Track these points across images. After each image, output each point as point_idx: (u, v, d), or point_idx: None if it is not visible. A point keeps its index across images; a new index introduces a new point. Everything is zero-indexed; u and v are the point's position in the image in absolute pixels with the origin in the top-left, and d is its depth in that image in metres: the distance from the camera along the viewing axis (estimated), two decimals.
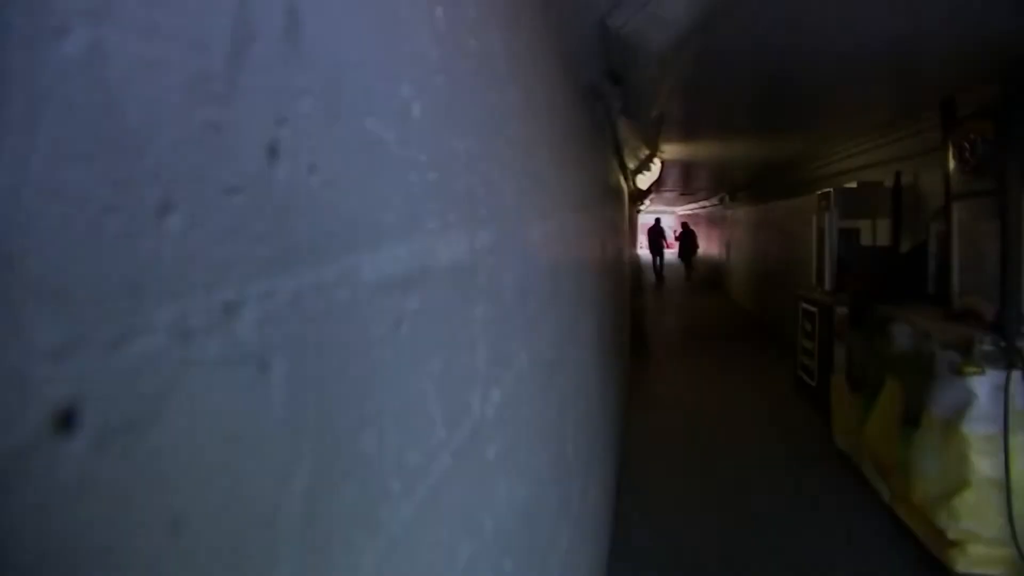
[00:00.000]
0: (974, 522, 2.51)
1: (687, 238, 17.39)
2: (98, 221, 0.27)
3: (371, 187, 0.50)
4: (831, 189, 5.00)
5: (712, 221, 16.05)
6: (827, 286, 4.90)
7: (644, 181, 6.57)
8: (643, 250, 21.94)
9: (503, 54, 0.99)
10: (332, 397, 0.45)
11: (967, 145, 2.83)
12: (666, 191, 12.38)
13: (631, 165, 5.41)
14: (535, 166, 1.22)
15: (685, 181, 10.67)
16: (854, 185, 5.15)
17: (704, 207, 16.97)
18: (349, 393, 0.45)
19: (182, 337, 0.32)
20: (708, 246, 16.84)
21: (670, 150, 6.16)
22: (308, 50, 0.43)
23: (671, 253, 19.14)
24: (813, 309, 4.98)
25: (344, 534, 0.48)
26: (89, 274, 0.27)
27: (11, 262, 0.24)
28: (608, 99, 2.63)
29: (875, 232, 5.18)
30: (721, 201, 13.16)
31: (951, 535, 2.57)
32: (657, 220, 17.94)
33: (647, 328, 9.52)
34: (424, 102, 0.63)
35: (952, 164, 3.00)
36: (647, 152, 5.11)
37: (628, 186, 6.19)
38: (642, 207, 13.82)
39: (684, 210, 21.58)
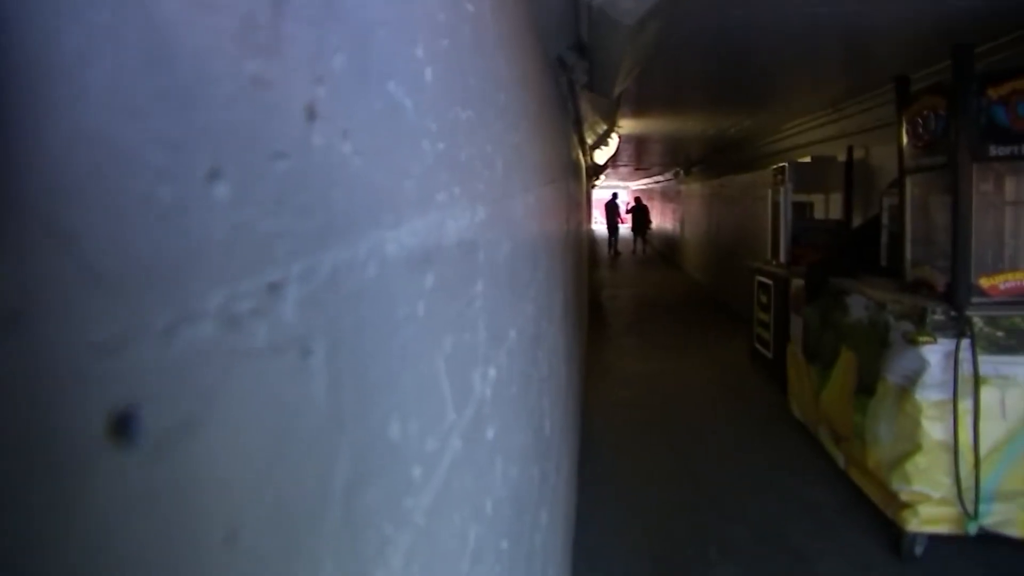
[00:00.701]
0: (925, 484, 2.62)
1: (640, 212, 17.47)
2: (151, 189, 0.23)
3: (394, 156, 0.46)
4: (785, 163, 5.09)
5: (666, 196, 16.02)
6: (782, 259, 4.96)
7: (601, 156, 6.54)
8: (597, 224, 21.96)
9: (491, 20, 0.95)
10: (367, 383, 0.42)
11: (920, 120, 2.91)
12: (621, 166, 12.41)
13: (589, 140, 5.36)
14: (518, 138, 1.19)
15: (640, 156, 10.65)
16: (808, 160, 5.26)
17: (658, 182, 16.97)
18: (381, 378, 0.42)
19: (231, 323, 0.28)
20: (662, 221, 16.89)
21: (626, 125, 6.16)
22: (340, 2, 0.39)
23: (624, 228, 19.40)
24: (768, 282, 5.00)
25: (377, 530, 0.45)
26: (143, 253, 0.23)
27: (65, 241, 0.19)
28: (574, 72, 2.59)
29: (828, 206, 5.32)
30: (675, 176, 13.02)
31: (904, 497, 2.68)
32: (614, 195, 17.94)
33: (603, 302, 9.52)
34: (435, 67, 0.59)
35: (905, 139, 3.08)
36: (605, 127, 5.08)
37: (585, 161, 6.17)
38: (597, 182, 13.81)
39: (638, 185, 21.53)
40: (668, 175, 14.11)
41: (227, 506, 0.28)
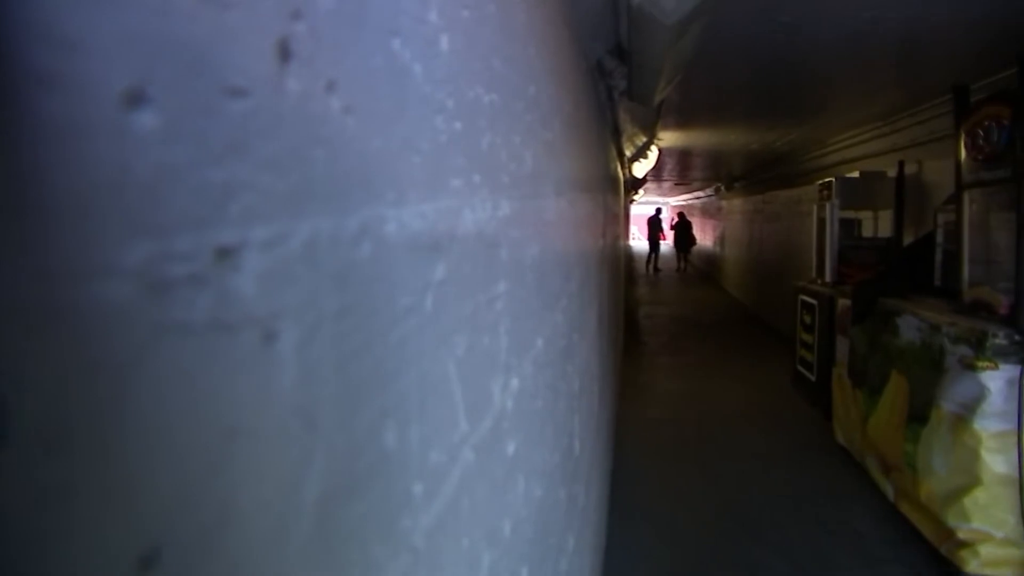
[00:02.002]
0: (986, 522, 2.44)
1: (683, 228, 16.73)
2: (38, 96, 0.17)
3: (398, 124, 0.40)
4: (832, 178, 4.92)
5: (707, 212, 15.53)
6: (828, 278, 4.73)
7: (640, 169, 6.29)
8: (636, 240, 21.51)
9: (522, 7, 0.90)
10: (353, 379, 0.35)
11: (980, 132, 2.75)
12: (661, 180, 12.03)
13: (628, 152, 5.16)
14: (550, 136, 1.12)
15: (680, 170, 10.30)
16: (856, 174, 5.07)
17: (699, 198, 16.53)
18: (372, 375, 0.36)
19: (156, 288, 0.23)
20: (702, 238, 16.29)
21: (666, 138, 6.00)
22: None
23: (665, 244, 18.74)
24: (813, 302, 4.75)
25: (363, 551, 0.38)
26: (29, 180, 0.17)
27: None
28: (613, 78, 2.52)
29: (877, 223, 5.12)
30: (716, 191, 12.59)
31: (961, 535, 2.50)
32: (658, 211, 17.24)
33: (640, 319, 9.25)
34: (452, 36, 0.53)
35: (964, 152, 2.92)
36: (644, 139, 4.89)
37: (624, 174, 5.98)
38: (636, 197, 13.27)
39: (678, 200, 21.06)
40: (709, 191, 13.67)
41: (144, 519, 0.22)
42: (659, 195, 19.03)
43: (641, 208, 24.03)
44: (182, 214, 0.24)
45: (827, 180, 5.00)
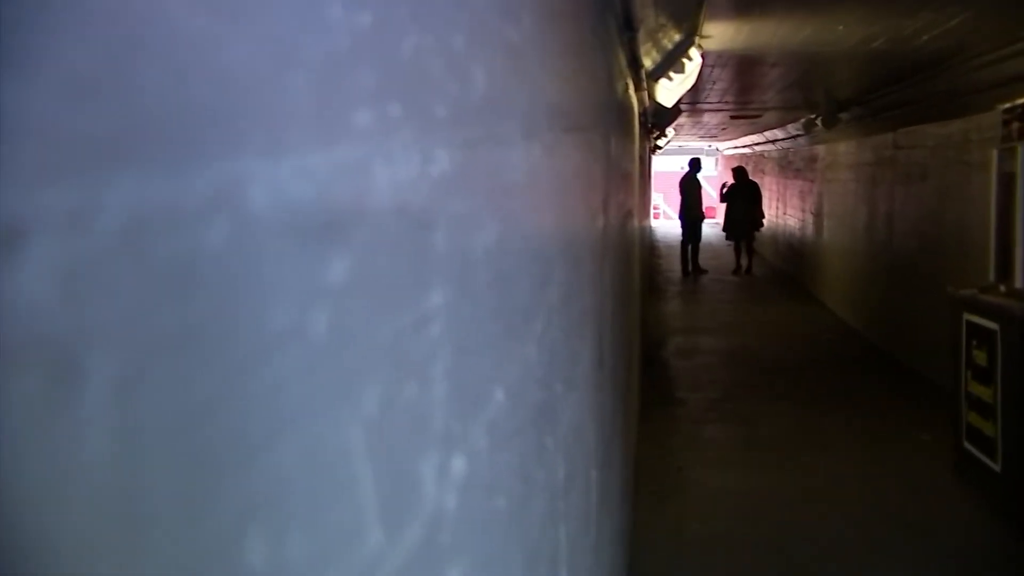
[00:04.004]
0: None
1: (744, 197, 9.43)
2: None
3: (266, 19, 0.24)
4: None
5: (788, 167, 9.35)
6: (1019, 282, 3.07)
7: (669, 93, 3.71)
8: (658, 218, 14.09)
9: None
10: (195, 452, 0.21)
11: None
12: (703, 110, 7.21)
13: (648, 62, 2.97)
14: (514, 37, 0.64)
15: (740, 92, 5.97)
16: None
17: (773, 141, 9.61)
18: (226, 446, 0.22)
19: None
20: (779, 210, 9.84)
21: (717, 34, 3.30)
22: None
23: (711, 223, 11.41)
24: (992, 326, 2.83)
25: None
26: None
27: None
28: None
29: None
30: (807, 129, 7.14)
31: None
32: (693, 163, 9.65)
33: (671, 359, 5.51)
34: None
35: None
36: (679, 37, 2.97)
37: (641, 101, 3.57)
38: (661, 142, 8.13)
39: (732, 146, 13.09)
40: (791, 128, 7.98)
41: None
42: (700, 136, 11.51)
43: (669, 161, 15.14)
44: None
45: (1014, 104, 3.16)
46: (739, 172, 9.75)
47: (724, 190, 10.02)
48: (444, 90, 0.39)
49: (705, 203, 10.06)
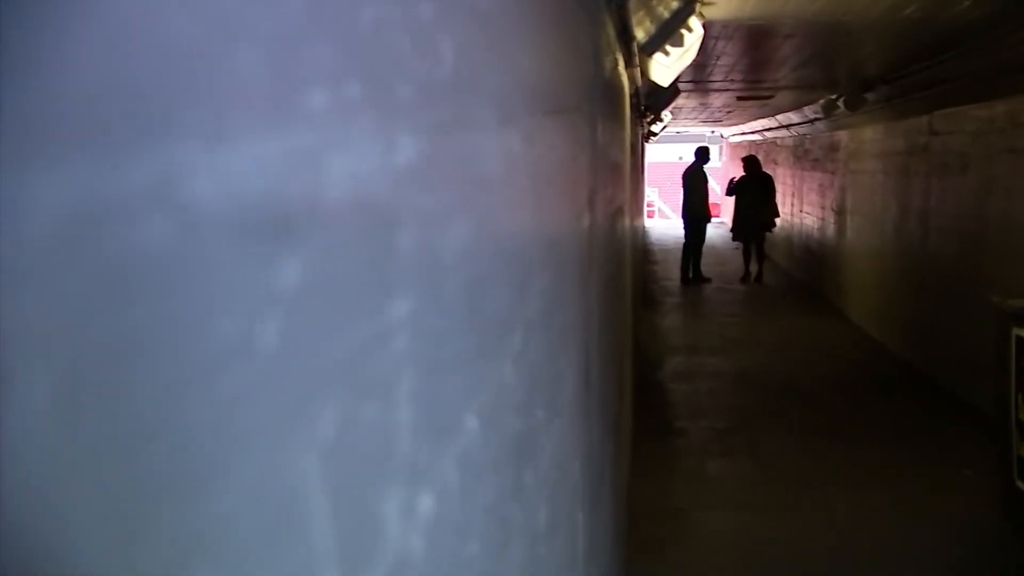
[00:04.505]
0: None
1: (756, 191, 8.19)
2: None
3: None
4: None
5: (804, 156, 8.30)
6: None
7: (666, 70, 3.26)
8: (653, 217, 12.47)
9: None
10: (132, 473, 0.19)
11: None
12: (709, 88, 6.20)
13: (640, 33, 2.66)
14: (488, 5, 0.58)
15: (750, 69, 5.15)
16: None
17: (786, 127, 8.56)
18: (163, 477, 0.19)
19: None
20: (794, 206, 8.72)
21: (722, 1, 2.83)
22: None
23: (716, 222, 10.49)
24: None
25: None
26: None
27: None
28: None
29: None
30: (827, 112, 6.17)
31: None
32: (701, 153, 8.58)
33: (668, 382, 4.89)
34: None
35: None
36: (676, 3, 2.60)
37: (633, 80, 3.20)
38: (656, 128, 7.40)
39: (739, 132, 11.75)
40: (809, 111, 7.00)
41: None
42: (702, 121, 10.31)
43: (665, 151, 13.60)
44: None
45: None
46: (750, 162, 8.54)
47: (731, 185, 8.80)
48: (409, 68, 0.35)
49: (710, 199, 8.87)
